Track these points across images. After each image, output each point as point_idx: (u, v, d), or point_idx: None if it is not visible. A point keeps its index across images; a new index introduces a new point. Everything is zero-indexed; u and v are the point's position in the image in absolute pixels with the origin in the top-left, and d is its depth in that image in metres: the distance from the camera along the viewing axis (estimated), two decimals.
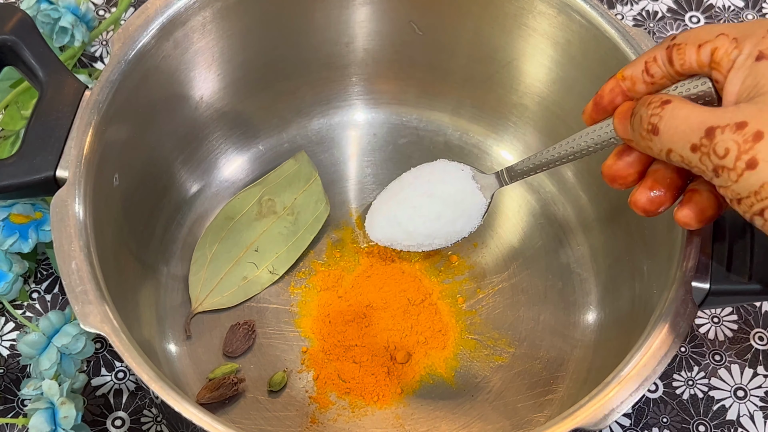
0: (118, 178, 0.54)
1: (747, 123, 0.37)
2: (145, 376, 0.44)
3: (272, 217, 0.63)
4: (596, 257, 0.62)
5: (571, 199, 0.64)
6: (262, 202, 0.63)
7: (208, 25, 0.58)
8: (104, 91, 0.52)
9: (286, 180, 0.64)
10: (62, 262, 0.47)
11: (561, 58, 0.60)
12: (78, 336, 0.54)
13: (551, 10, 0.58)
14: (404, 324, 0.60)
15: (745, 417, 0.60)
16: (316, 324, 0.60)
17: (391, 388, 0.58)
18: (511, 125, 0.66)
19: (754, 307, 0.64)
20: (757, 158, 0.37)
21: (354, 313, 0.60)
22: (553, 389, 0.58)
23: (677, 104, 0.40)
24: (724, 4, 0.77)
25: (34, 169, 0.49)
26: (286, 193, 0.63)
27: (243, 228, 0.62)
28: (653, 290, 0.52)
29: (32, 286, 0.62)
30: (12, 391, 0.58)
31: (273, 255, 0.62)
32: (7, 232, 0.58)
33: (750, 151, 0.37)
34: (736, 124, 0.38)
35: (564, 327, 0.60)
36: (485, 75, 0.64)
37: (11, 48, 0.53)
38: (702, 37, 0.41)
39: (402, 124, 0.67)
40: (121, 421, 0.58)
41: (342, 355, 0.59)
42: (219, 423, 0.44)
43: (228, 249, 0.62)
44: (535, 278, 0.62)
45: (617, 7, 0.76)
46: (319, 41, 0.63)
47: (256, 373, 0.58)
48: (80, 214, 0.48)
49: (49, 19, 0.63)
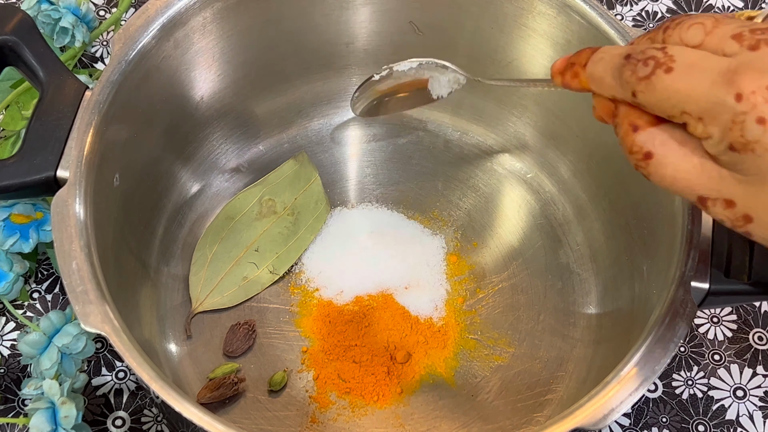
0: (118, 178, 0.54)
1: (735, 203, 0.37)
2: (146, 375, 0.44)
3: (272, 217, 0.63)
4: (596, 257, 0.62)
5: (571, 199, 0.64)
6: (263, 202, 0.63)
7: (209, 25, 0.58)
8: (105, 91, 0.52)
9: (286, 180, 0.64)
10: (63, 262, 0.47)
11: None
12: (78, 336, 0.54)
13: (551, 11, 0.58)
14: (404, 324, 0.60)
15: (744, 417, 0.60)
16: (316, 324, 0.60)
17: (391, 387, 0.58)
18: (510, 125, 0.66)
19: (754, 307, 0.64)
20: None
21: (354, 313, 0.60)
22: (553, 389, 0.58)
23: (660, 159, 0.38)
24: (724, 4, 0.77)
25: (34, 170, 0.50)
26: (286, 193, 0.63)
27: (243, 228, 0.62)
28: (653, 290, 0.52)
29: (33, 286, 0.62)
30: (13, 390, 0.59)
31: (273, 255, 0.62)
32: (7, 232, 0.58)
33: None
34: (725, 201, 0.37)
35: (564, 327, 0.60)
36: (485, 75, 0.64)
37: (12, 48, 0.53)
38: (665, 110, 0.37)
39: (402, 124, 0.68)
40: (122, 421, 0.58)
41: (342, 354, 0.59)
42: (219, 423, 0.44)
43: (228, 249, 0.62)
44: (534, 278, 0.62)
45: (617, 8, 0.76)
46: (319, 42, 0.63)
47: (257, 372, 0.58)
48: (81, 214, 0.48)
49: (50, 19, 0.63)
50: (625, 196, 0.59)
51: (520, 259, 0.63)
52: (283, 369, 0.58)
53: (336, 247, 0.63)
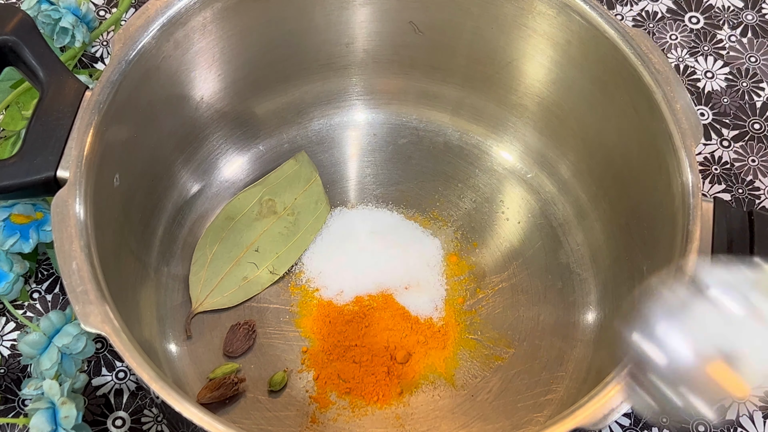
0: (118, 179, 0.54)
1: None
2: (146, 375, 0.44)
3: (272, 217, 0.63)
4: (596, 257, 0.62)
5: (571, 199, 0.64)
6: (263, 203, 0.63)
7: (209, 25, 0.58)
8: (105, 91, 0.52)
9: (286, 180, 0.64)
10: (63, 263, 0.47)
11: (561, 58, 0.60)
12: (79, 336, 0.54)
13: (551, 11, 0.58)
14: (404, 324, 0.60)
15: (744, 417, 0.60)
16: (316, 324, 0.60)
17: (391, 388, 0.58)
18: (510, 126, 0.66)
19: None
20: None
21: (354, 313, 0.60)
22: (553, 389, 0.58)
23: None
24: (724, 4, 0.77)
25: (34, 170, 0.50)
26: (286, 194, 0.63)
27: (243, 228, 0.62)
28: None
29: (33, 286, 0.62)
30: (13, 391, 0.59)
31: (273, 255, 0.62)
32: (7, 232, 0.58)
33: None
34: None
35: (564, 327, 0.60)
36: (485, 75, 0.64)
37: (12, 48, 0.53)
38: None
39: (402, 125, 0.68)
40: (122, 421, 0.58)
41: (342, 355, 0.59)
42: (219, 423, 0.44)
43: (228, 249, 0.62)
44: (534, 278, 0.62)
45: (617, 8, 0.76)
46: (319, 42, 0.63)
47: (257, 373, 0.58)
48: (81, 215, 0.48)
49: (50, 19, 0.63)
50: (625, 196, 0.59)
51: (520, 259, 0.63)
52: (283, 369, 0.58)
53: (336, 247, 0.63)
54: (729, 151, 0.70)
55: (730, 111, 0.72)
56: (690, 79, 0.73)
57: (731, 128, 0.71)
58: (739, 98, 0.72)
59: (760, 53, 0.74)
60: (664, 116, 0.53)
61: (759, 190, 0.68)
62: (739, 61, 0.74)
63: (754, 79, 0.73)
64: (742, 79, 0.73)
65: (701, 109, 0.72)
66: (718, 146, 0.70)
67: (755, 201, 0.68)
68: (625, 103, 0.56)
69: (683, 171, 0.51)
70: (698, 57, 0.74)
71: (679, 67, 0.73)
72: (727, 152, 0.70)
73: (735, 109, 0.72)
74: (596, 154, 0.61)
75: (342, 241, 0.63)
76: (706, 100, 0.72)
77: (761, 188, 0.68)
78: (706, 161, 0.69)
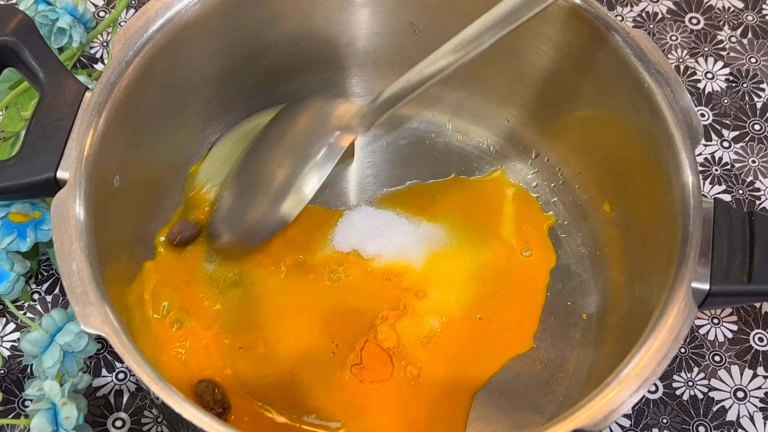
0: (118, 179, 0.54)
1: None
2: (146, 376, 0.44)
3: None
4: (596, 258, 0.62)
5: (571, 199, 0.64)
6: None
7: (209, 26, 0.58)
8: (105, 92, 0.52)
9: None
10: (63, 263, 0.47)
11: (561, 59, 0.60)
12: (80, 333, 0.54)
13: (551, 11, 0.58)
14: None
15: (744, 418, 0.60)
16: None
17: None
18: (510, 126, 0.66)
19: (754, 308, 0.64)
20: None
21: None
22: (553, 390, 0.58)
23: None
24: (724, 5, 0.77)
25: (34, 171, 0.49)
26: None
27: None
28: (653, 291, 0.52)
29: (33, 287, 0.62)
30: (13, 392, 0.59)
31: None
32: (5, 230, 0.58)
33: None
34: None
35: (564, 328, 0.60)
36: (485, 76, 0.64)
37: (12, 49, 0.53)
38: None
39: (402, 126, 0.68)
40: (122, 422, 0.58)
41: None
42: (219, 423, 0.44)
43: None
44: None
45: (617, 9, 0.76)
46: (319, 42, 0.63)
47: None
48: (81, 216, 0.48)
49: (47, 20, 0.63)
50: (626, 197, 0.59)
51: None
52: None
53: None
54: (729, 152, 0.70)
55: (730, 112, 0.72)
56: (690, 79, 0.73)
57: (731, 129, 0.71)
58: (739, 99, 0.72)
59: (760, 54, 0.74)
60: (664, 117, 0.53)
61: (759, 191, 0.68)
62: (740, 61, 0.74)
63: (754, 80, 0.73)
64: (743, 80, 0.73)
65: (701, 109, 0.72)
66: (718, 147, 0.70)
67: (755, 202, 0.68)
68: (625, 104, 0.56)
69: (683, 172, 0.51)
70: (698, 58, 0.74)
71: (680, 68, 0.73)
72: (728, 153, 0.70)
73: (735, 110, 0.72)
74: (596, 155, 0.61)
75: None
76: (707, 101, 0.72)
77: (761, 189, 0.68)
78: (706, 162, 0.69)
